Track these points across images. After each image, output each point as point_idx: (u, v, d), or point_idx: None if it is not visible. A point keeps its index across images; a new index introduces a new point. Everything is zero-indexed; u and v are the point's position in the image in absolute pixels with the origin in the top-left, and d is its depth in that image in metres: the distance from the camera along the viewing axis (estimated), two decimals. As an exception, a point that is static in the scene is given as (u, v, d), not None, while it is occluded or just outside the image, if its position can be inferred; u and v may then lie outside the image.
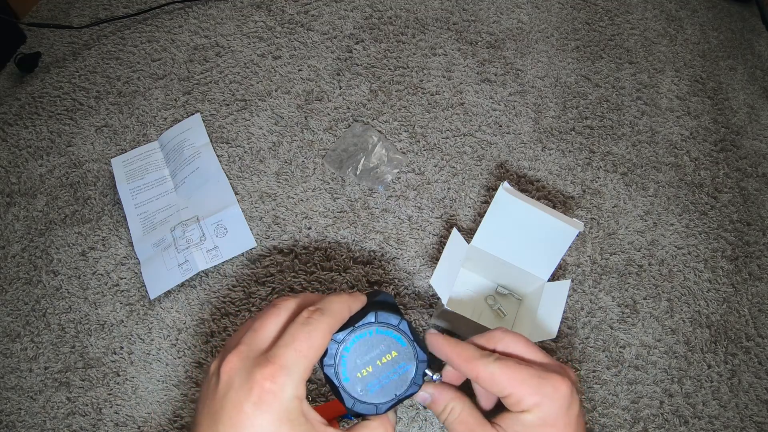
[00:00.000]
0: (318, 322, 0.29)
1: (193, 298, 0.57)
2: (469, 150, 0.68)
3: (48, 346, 0.55)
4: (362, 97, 0.71)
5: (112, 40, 0.75)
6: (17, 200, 0.62)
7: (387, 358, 0.32)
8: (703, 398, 0.57)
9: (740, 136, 0.76)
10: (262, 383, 0.26)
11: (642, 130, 0.74)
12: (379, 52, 0.75)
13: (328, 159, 0.66)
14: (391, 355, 0.32)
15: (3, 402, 0.52)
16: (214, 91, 0.70)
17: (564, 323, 0.58)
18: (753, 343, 0.61)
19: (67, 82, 0.71)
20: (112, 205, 0.62)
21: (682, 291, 0.62)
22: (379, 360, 0.32)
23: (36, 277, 0.58)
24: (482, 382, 0.31)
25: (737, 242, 0.67)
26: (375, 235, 0.61)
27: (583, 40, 0.81)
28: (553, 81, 0.76)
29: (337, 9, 0.79)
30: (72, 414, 0.52)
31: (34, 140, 0.66)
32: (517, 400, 0.30)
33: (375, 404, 0.32)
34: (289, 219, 0.62)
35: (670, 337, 0.60)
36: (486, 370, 0.30)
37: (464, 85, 0.74)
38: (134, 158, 0.65)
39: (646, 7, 0.87)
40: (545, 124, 0.72)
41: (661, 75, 0.79)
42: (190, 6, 0.78)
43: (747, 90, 0.81)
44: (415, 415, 0.53)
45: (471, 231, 0.62)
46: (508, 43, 0.79)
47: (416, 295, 0.58)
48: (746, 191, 0.71)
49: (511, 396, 0.30)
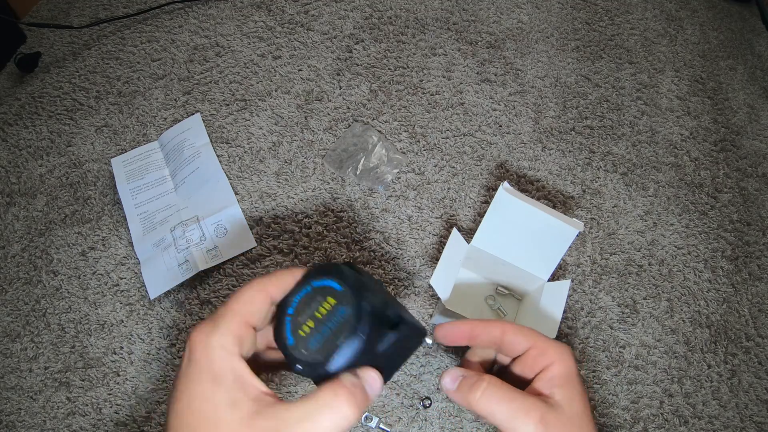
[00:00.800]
0: (251, 281, 0.30)
1: (193, 298, 0.57)
2: (469, 150, 0.68)
3: (48, 346, 0.55)
4: (362, 97, 0.71)
5: (112, 40, 0.75)
6: (17, 200, 0.62)
7: (325, 308, 0.29)
8: (703, 398, 0.57)
9: (740, 136, 0.76)
10: (193, 338, 0.28)
11: (642, 130, 0.74)
12: (379, 52, 0.75)
13: (328, 159, 0.66)
14: (328, 303, 0.29)
15: (3, 402, 0.52)
16: (214, 91, 0.70)
17: (564, 323, 0.58)
18: (753, 343, 0.61)
19: (67, 82, 0.71)
20: (112, 205, 0.63)
21: (682, 291, 0.62)
22: (317, 311, 0.29)
23: (36, 277, 0.58)
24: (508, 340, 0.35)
25: (737, 242, 0.67)
26: (375, 235, 0.61)
27: (583, 40, 0.81)
28: (553, 81, 0.76)
29: (337, 9, 0.79)
30: (72, 414, 0.52)
31: (34, 140, 0.66)
32: (539, 352, 0.34)
33: (320, 361, 0.28)
34: (289, 219, 0.62)
35: (670, 337, 0.60)
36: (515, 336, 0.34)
37: (464, 85, 0.74)
38: (134, 158, 0.65)
39: (646, 7, 0.87)
40: (545, 124, 0.72)
41: (661, 75, 0.79)
42: (190, 6, 0.78)
43: (747, 90, 0.81)
44: (415, 415, 0.53)
45: (471, 231, 0.62)
46: (508, 43, 0.79)
47: (416, 295, 0.58)
48: (746, 191, 0.71)
49: (530, 353, 0.34)
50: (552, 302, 0.51)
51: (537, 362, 0.33)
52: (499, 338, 0.35)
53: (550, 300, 0.52)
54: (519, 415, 0.30)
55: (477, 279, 0.60)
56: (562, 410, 0.31)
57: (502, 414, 0.31)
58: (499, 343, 0.35)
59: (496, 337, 0.35)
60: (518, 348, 0.35)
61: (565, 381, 0.33)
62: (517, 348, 0.35)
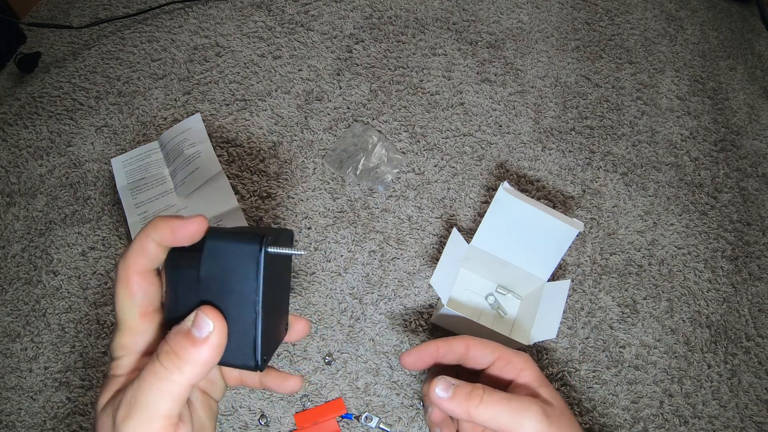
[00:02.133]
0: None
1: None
2: (469, 150, 0.68)
3: (48, 346, 0.55)
4: (362, 97, 0.71)
5: (112, 40, 0.75)
6: (17, 200, 0.62)
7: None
8: (703, 398, 0.57)
9: (740, 136, 0.76)
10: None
11: (642, 130, 0.74)
12: (379, 52, 0.75)
13: (328, 159, 0.66)
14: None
15: (3, 402, 0.52)
16: (214, 91, 0.70)
17: (564, 323, 0.58)
18: (753, 343, 0.61)
19: (67, 82, 0.71)
20: (112, 205, 0.62)
21: (682, 291, 0.62)
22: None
23: (36, 277, 0.58)
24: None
25: (737, 242, 0.67)
26: (375, 235, 0.61)
27: (583, 40, 0.81)
28: (553, 81, 0.76)
29: (337, 9, 0.79)
30: (72, 414, 0.52)
31: (34, 140, 0.66)
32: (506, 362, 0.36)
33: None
34: (289, 219, 0.62)
35: (670, 337, 0.59)
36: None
37: (464, 85, 0.74)
38: (134, 158, 0.65)
39: (646, 7, 0.87)
40: (545, 124, 0.72)
41: (661, 75, 0.79)
42: (190, 6, 0.78)
43: (747, 90, 0.81)
44: (415, 415, 0.53)
45: (471, 231, 0.62)
46: (508, 43, 0.79)
47: (416, 295, 0.58)
48: (746, 191, 0.71)
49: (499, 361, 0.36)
50: (552, 302, 0.51)
51: (505, 371, 0.35)
52: (464, 354, 0.36)
53: (550, 300, 0.52)
54: (521, 413, 0.32)
55: (477, 279, 0.60)
56: (554, 405, 0.33)
57: (504, 415, 0.32)
58: (464, 358, 0.37)
59: (461, 353, 0.37)
60: (484, 361, 0.36)
61: (543, 383, 0.35)
62: (482, 361, 0.36)
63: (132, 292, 0.26)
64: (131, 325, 0.26)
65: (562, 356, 0.57)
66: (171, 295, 0.27)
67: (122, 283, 0.26)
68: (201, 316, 0.25)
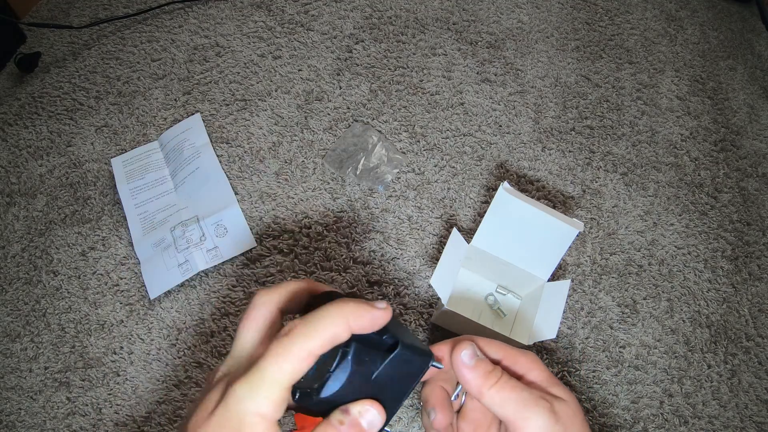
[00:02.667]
0: (304, 336, 0.26)
1: (193, 298, 0.57)
2: (469, 150, 0.68)
3: (48, 346, 0.55)
4: (362, 97, 0.71)
5: (112, 40, 0.75)
6: (17, 200, 0.62)
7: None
8: (703, 398, 0.57)
9: (740, 136, 0.76)
10: (228, 397, 0.26)
11: (642, 130, 0.74)
12: (379, 52, 0.75)
13: (328, 159, 0.66)
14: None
15: (3, 402, 0.52)
16: (214, 91, 0.70)
17: (564, 323, 0.58)
18: (753, 343, 0.61)
19: (67, 82, 0.71)
20: (112, 205, 0.63)
21: (682, 291, 0.62)
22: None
23: (36, 277, 0.58)
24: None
25: (737, 242, 0.67)
26: (375, 235, 0.61)
27: (583, 40, 0.81)
28: (553, 81, 0.76)
29: (337, 9, 0.79)
30: (72, 414, 0.52)
31: (34, 140, 0.66)
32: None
33: (315, 388, 0.28)
34: (289, 219, 0.62)
35: (670, 337, 0.59)
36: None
37: (464, 85, 0.74)
38: (134, 158, 0.65)
39: (646, 7, 0.87)
40: (545, 124, 0.72)
41: (661, 75, 0.79)
42: (190, 6, 0.78)
43: (747, 90, 0.81)
44: (414, 415, 0.53)
45: (471, 231, 0.62)
46: (508, 43, 0.79)
47: (416, 295, 0.58)
48: (746, 191, 0.71)
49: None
50: (552, 302, 0.51)
51: (511, 371, 0.35)
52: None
53: (550, 300, 0.52)
54: (530, 407, 0.31)
55: (477, 279, 0.60)
56: (567, 403, 0.33)
57: (513, 404, 0.31)
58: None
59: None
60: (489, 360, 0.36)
61: (553, 381, 0.34)
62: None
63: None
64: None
65: (562, 356, 0.57)
66: (336, 374, 0.28)
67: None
68: (373, 413, 0.28)
